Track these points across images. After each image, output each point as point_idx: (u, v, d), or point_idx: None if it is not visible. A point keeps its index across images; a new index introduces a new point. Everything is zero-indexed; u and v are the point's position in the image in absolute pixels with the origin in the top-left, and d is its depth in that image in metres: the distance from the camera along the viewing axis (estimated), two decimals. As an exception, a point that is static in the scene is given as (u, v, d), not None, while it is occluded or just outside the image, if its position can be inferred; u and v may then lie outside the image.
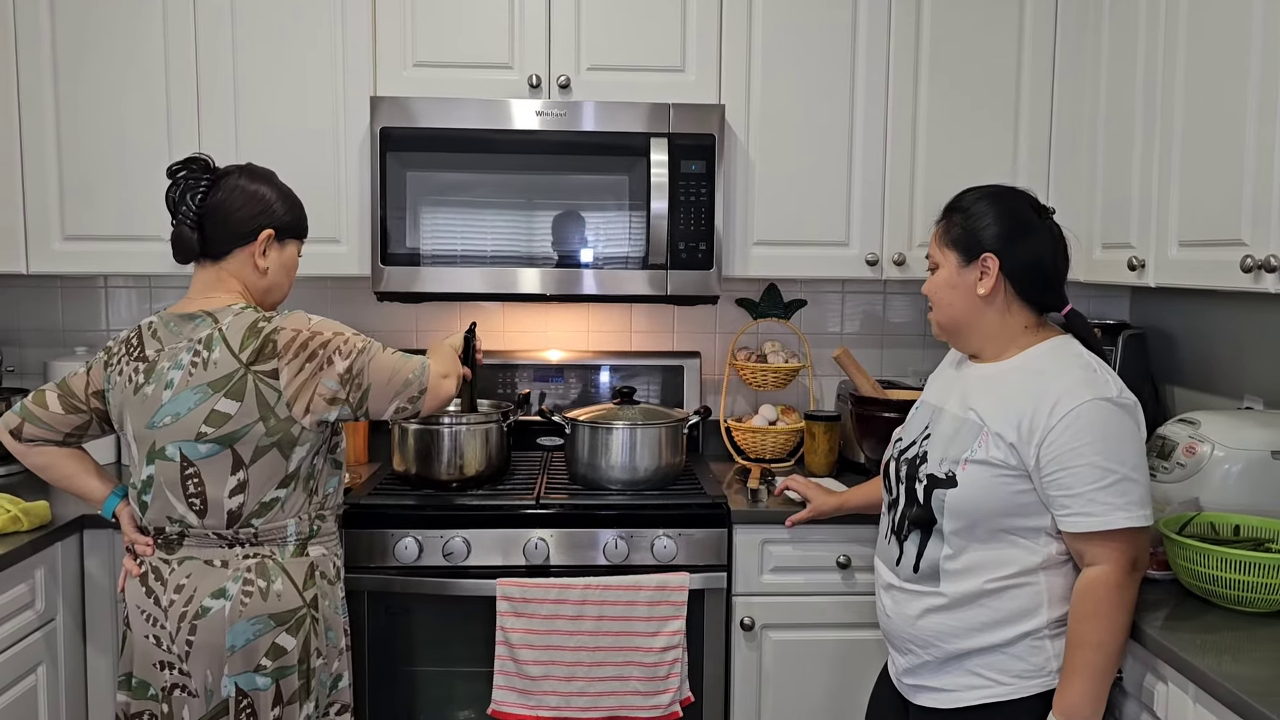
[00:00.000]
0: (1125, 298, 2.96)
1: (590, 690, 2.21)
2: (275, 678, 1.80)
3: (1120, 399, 1.62)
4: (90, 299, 2.87)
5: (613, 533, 2.27)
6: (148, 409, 1.79)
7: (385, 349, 1.87)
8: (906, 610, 1.75)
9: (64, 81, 2.45)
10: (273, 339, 1.79)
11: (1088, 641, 1.59)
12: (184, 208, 1.83)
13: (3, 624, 1.97)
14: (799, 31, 2.53)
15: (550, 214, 2.46)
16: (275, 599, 1.80)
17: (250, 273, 1.88)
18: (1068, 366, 1.67)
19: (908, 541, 1.76)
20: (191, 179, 1.84)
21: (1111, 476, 1.58)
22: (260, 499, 1.80)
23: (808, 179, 2.56)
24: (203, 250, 1.86)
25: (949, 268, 1.75)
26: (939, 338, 1.83)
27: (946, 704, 1.71)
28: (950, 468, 1.69)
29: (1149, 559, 1.68)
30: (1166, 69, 2.12)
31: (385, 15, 2.48)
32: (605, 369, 2.86)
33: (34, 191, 2.47)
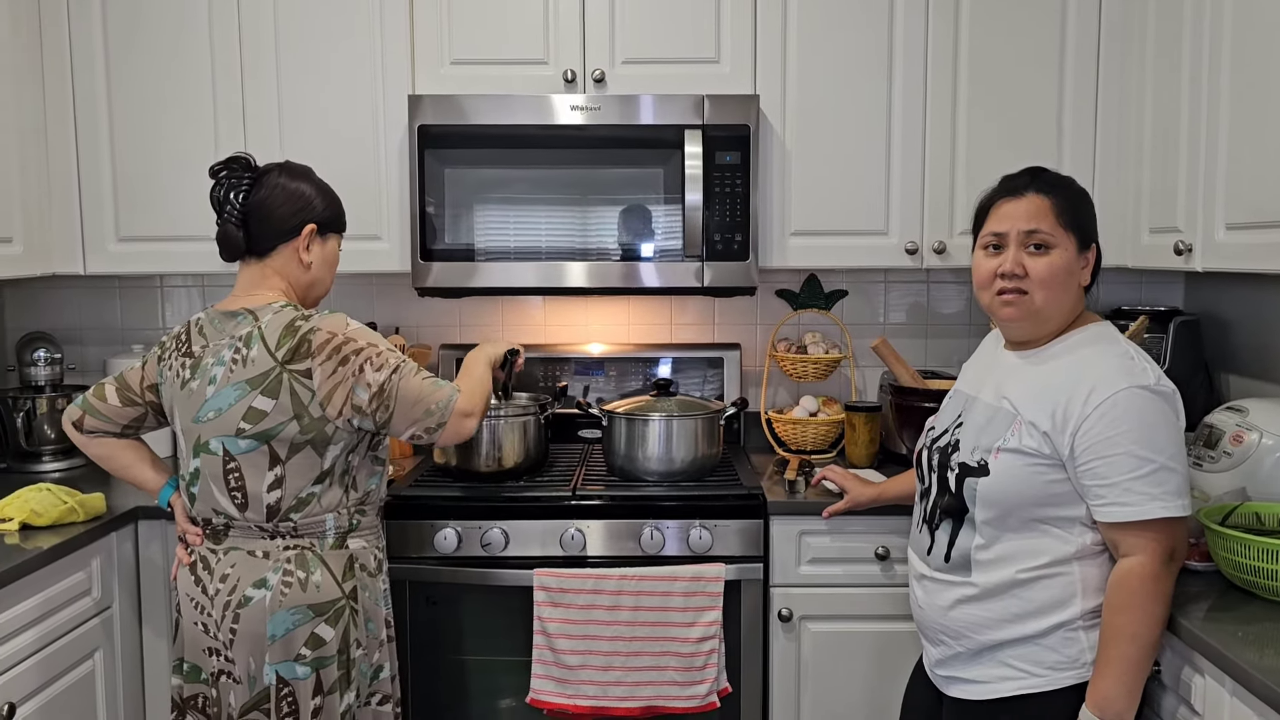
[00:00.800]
0: (1179, 284, 2.88)
1: (627, 680, 2.22)
2: (315, 667, 1.83)
3: (1158, 386, 1.58)
4: (147, 298, 2.96)
5: (649, 523, 2.28)
6: (193, 404, 1.85)
7: (416, 372, 1.87)
8: (938, 600, 1.74)
9: (116, 89, 2.53)
10: (308, 339, 1.82)
11: (1122, 633, 1.56)
12: (228, 206, 1.87)
13: (61, 610, 2.06)
14: (834, 20, 2.51)
15: (587, 208, 2.47)
16: (314, 590, 1.83)
17: (295, 268, 1.92)
18: (1104, 354, 1.64)
19: (939, 531, 1.74)
20: (234, 178, 1.88)
21: (1149, 466, 1.55)
22: (297, 494, 1.84)
23: (845, 168, 2.54)
24: (248, 248, 1.90)
25: (1069, 253, 1.66)
26: (1017, 322, 1.70)
27: (979, 695, 1.69)
28: (983, 456, 1.67)
29: (1187, 550, 1.64)
30: (1213, 48, 2.06)
31: (422, 14, 2.51)
32: (646, 361, 2.87)
33: (90, 195, 2.56)
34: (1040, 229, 1.65)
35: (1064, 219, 1.66)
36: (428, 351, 2.83)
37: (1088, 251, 1.69)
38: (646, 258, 2.48)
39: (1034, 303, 1.66)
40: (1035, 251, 1.66)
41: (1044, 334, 1.71)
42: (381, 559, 1.98)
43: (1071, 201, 1.68)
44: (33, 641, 1.96)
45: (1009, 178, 1.75)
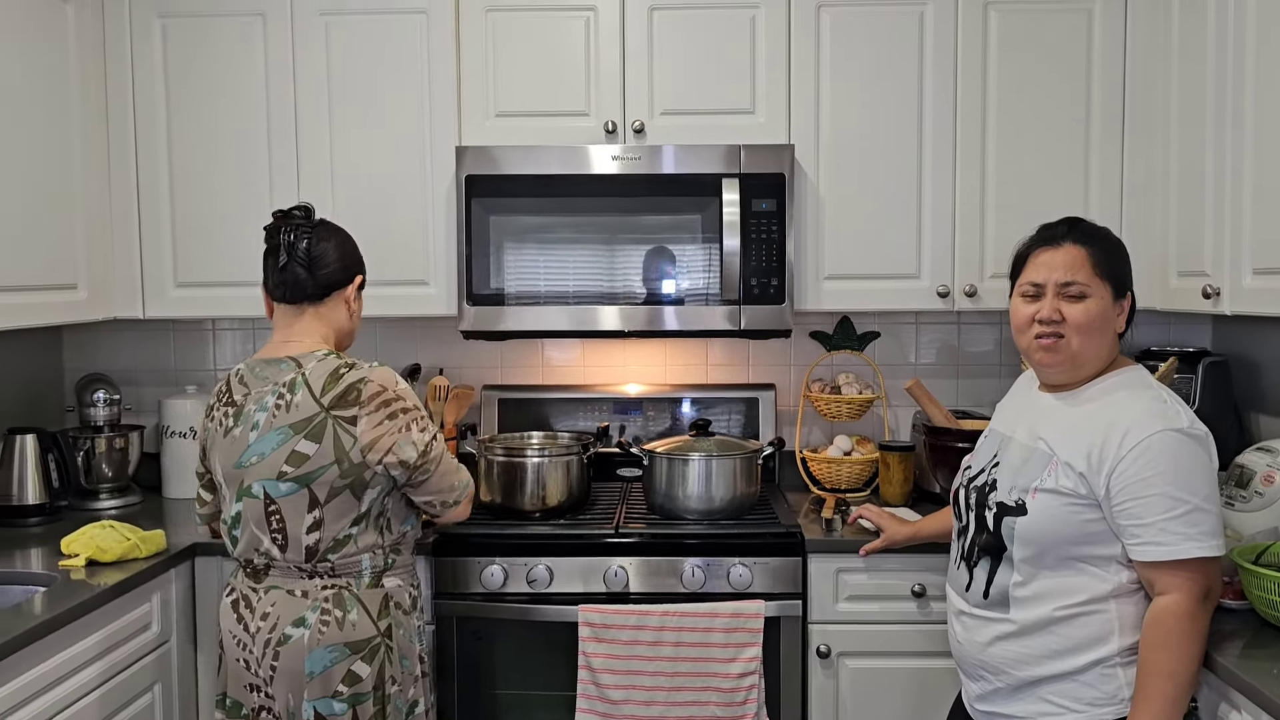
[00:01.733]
0: (1207, 325, 2.93)
1: (670, 714, 2.27)
2: (351, 703, 1.88)
3: (1191, 430, 1.64)
4: (199, 340, 3.07)
5: (690, 561, 2.34)
6: (236, 449, 1.92)
7: (447, 452, 2.01)
8: (977, 637, 1.78)
9: (176, 142, 2.65)
10: (358, 388, 1.89)
11: (1159, 671, 1.60)
12: (299, 249, 1.96)
13: (125, 644, 2.13)
14: (865, 72, 2.60)
15: (628, 253, 2.56)
16: (350, 628, 1.89)
17: (342, 315, 2.03)
18: (1138, 397, 1.69)
19: (977, 568, 1.79)
20: (301, 224, 1.99)
21: (1183, 507, 1.60)
22: (335, 536, 1.90)
23: (877, 214, 2.62)
24: (308, 293, 1.99)
25: (1104, 300, 1.72)
26: (1055, 368, 1.76)
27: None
28: (1020, 496, 1.72)
29: (1221, 589, 1.68)
30: (1235, 97, 2.13)
31: (469, 69, 2.62)
32: (683, 402, 2.94)
33: (150, 243, 2.67)
34: (1076, 280, 1.71)
35: (1100, 269, 1.72)
36: (471, 392, 2.91)
37: (1123, 299, 1.75)
38: (685, 301, 2.55)
39: (1071, 347, 1.72)
40: (1072, 300, 1.72)
41: (1080, 378, 1.76)
42: (416, 596, 2.05)
43: (1108, 252, 1.75)
44: (99, 674, 2.03)
45: (1046, 227, 1.81)
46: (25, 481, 2.58)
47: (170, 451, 2.85)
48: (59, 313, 2.46)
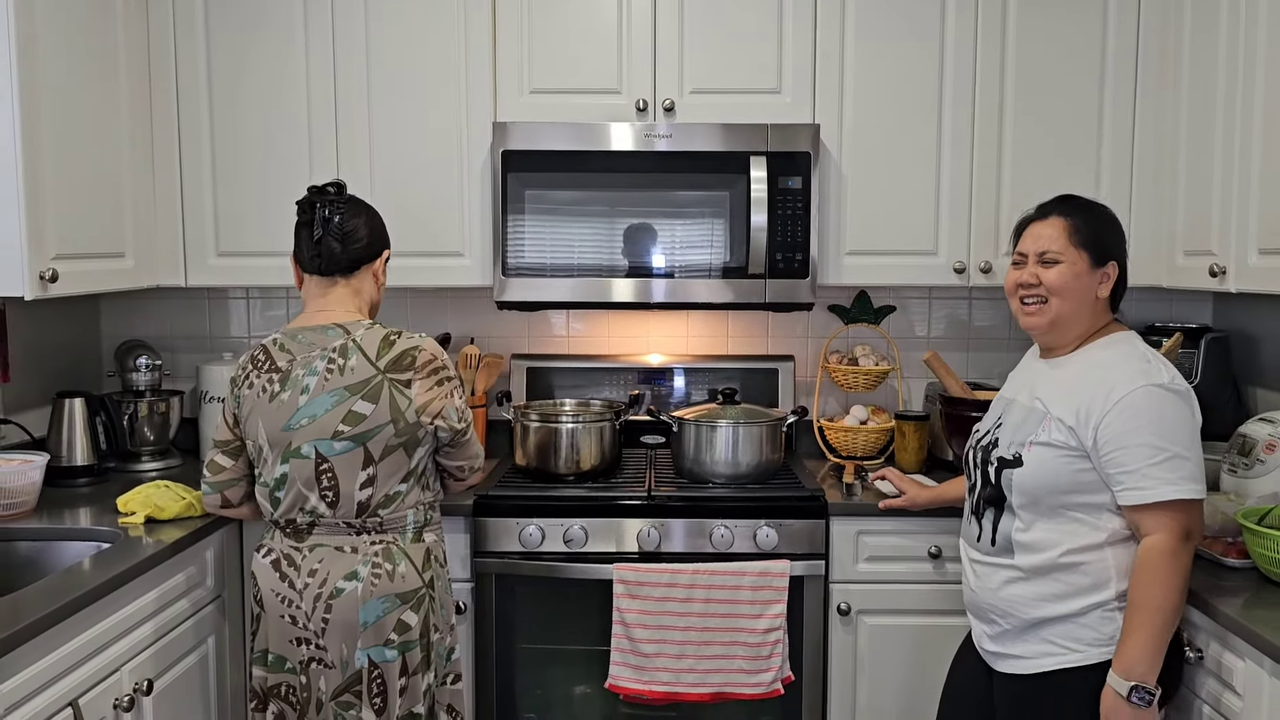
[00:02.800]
0: (1208, 301, 3.05)
1: (699, 668, 2.39)
2: (401, 650, 2.00)
3: (1172, 385, 1.80)
4: (235, 309, 3.15)
5: (718, 523, 2.46)
6: (284, 414, 2.00)
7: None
8: (988, 583, 1.94)
9: (218, 116, 2.72)
10: (412, 354, 2.02)
11: (1144, 604, 1.75)
12: (333, 224, 2.06)
13: (182, 599, 2.23)
14: (888, 54, 2.69)
15: (657, 228, 2.66)
16: (400, 580, 2.01)
17: (370, 287, 2.14)
18: (1125, 358, 1.85)
19: (984, 519, 1.95)
20: (337, 199, 2.08)
21: (1163, 454, 1.75)
22: (386, 492, 2.02)
23: (897, 192, 2.72)
24: (341, 265, 2.09)
25: (1078, 266, 1.87)
26: (1039, 329, 1.92)
27: (1026, 669, 1.88)
28: (1017, 450, 1.88)
29: (1201, 531, 1.81)
30: (1246, 83, 2.24)
31: (504, 47, 2.70)
32: (703, 372, 3.05)
33: (192, 214, 2.74)
34: (1050, 249, 1.89)
35: (1076, 238, 1.88)
36: (500, 360, 3.01)
37: (1104, 268, 1.89)
38: (713, 275, 2.66)
39: (1051, 309, 1.89)
40: (1047, 265, 1.89)
41: (1067, 340, 1.92)
42: (445, 551, 2.20)
43: (1090, 223, 1.90)
44: (157, 629, 2.13)
45: (1042, 204, 1.98)
46: (74, 443, 2.67)
47: (208, 416, 2.93)
48: (109, 280, 2.53)
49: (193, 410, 3.01)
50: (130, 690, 1.98)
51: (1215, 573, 1.97)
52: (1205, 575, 1.95)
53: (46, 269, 2.24)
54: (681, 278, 2.66)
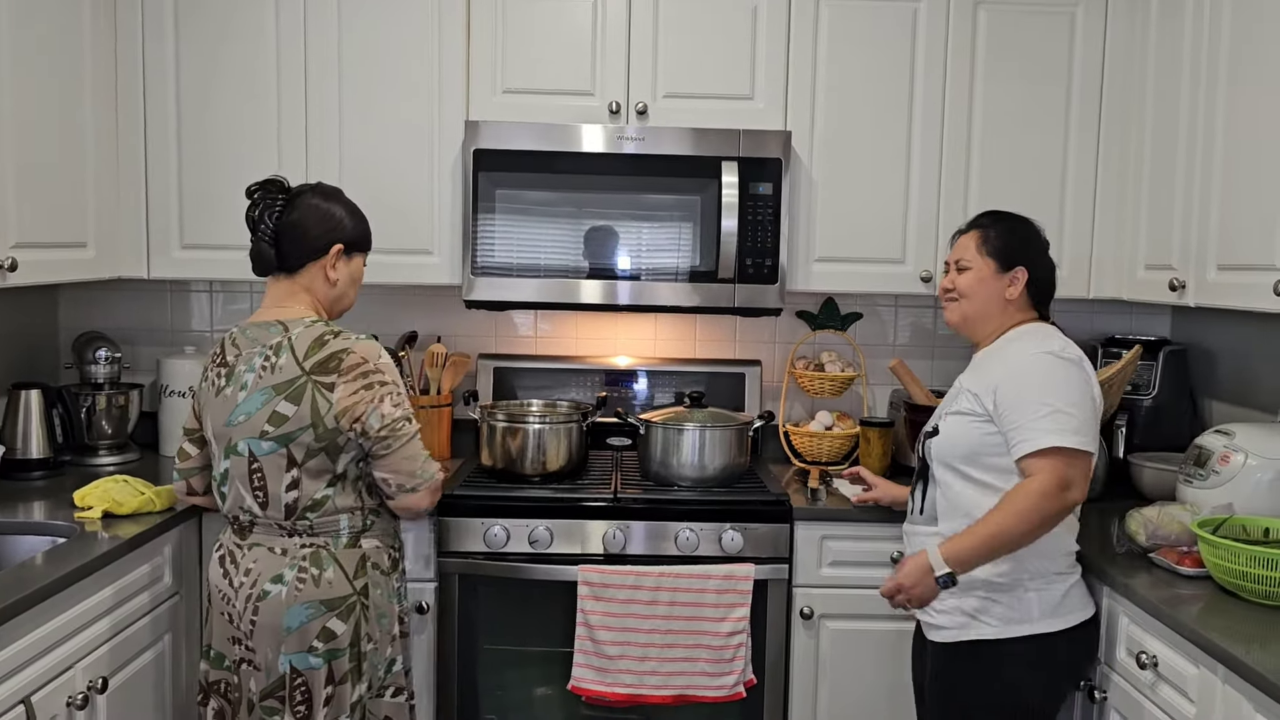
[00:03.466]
0: (1166, 315, 3.11)
1: (662, 670, 2.40)
2: (327, 658, 1.95)
3: (1062, 353, 1.97)
4: (198, 302, 3.11)
5: (684, 525, 2.46)
6: (226, 408, 1.98)
7: (418, 437, 2.03)
8: (913, 549, 2.08)
9: (185, 106, 2.68)
10: (340, 356, 1.94)
11: (991, 518, 1.92)
12: (263, 226, 2.00)
13: (139, 595, 2.20)
14: (860, 64, 2.71)
15: (627, 230, 2.66)
16: (327, 586, 1.95)
17: (321, 284, 2.05)
18: (1026, 336, 2.05)
19: (917, 491, 2.14)
20: (269, 199, 2.01)
21: (1046, 409, 1.91)
22: (312, 496, 1.96)
23: (866, 200, 2.75)
24: (279, 264, 2.03)
25: (985, 271, 2.07)
26: (951, 325, 2.15)
27: (948, 639, 2.03)
28: (937, 423, 2.11)
29: (1084, 488, 1.92)
30: (1208, 105, 2.28)
31: (478, 46, 2.69)
32: (670, 375, 3.06)
33: (156, 204, 2.70)
34: (962, 258, 2.11)
35: (985, 248, 2.08)
36: (467, 360, 3.00)
37: (1011, 272, 2.06)
38: (682, 278, 2.66)
39: (962, 310, 2.11)
40: (960, 271, 2.11)
41: (983, 335, 2.11)
42: (398, 558, 2.12)
43: (1000, 235, 2.09)
44: (114, 624, 2.09)
45: (971, 219, 2.18)
46: (30, 436, 2.62)
47: (169, 410, 2.90)
48: (69, 270, 2.49)
49: (152, 404, 2.97)
50: (84, 688, 1.95)
51: (1171, 581, 2.00)
52: (1160, 584, 1.99)
53: (5, 258, 2.19)
54: (650, 281, 2.67)
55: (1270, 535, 2.01)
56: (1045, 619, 1.98)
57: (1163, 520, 2.12)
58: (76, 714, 1.91)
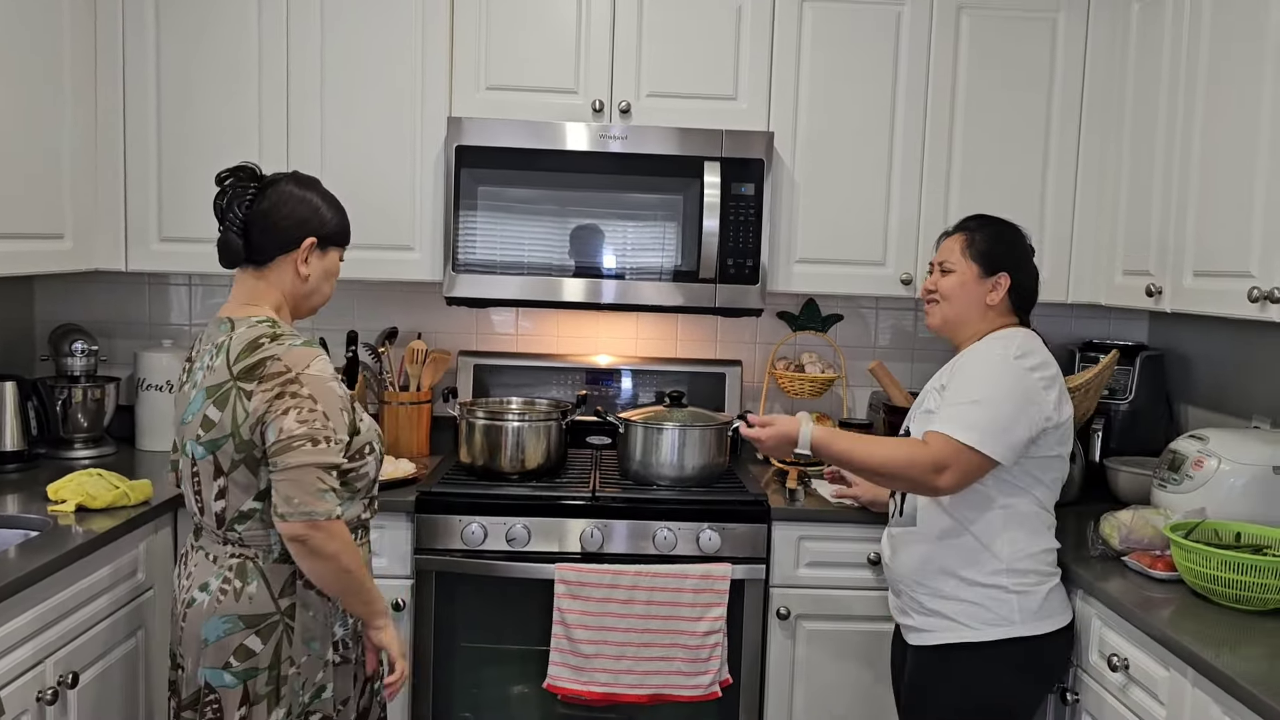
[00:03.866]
0: (1144, 320, 3.13)
1: (638, 669, 2.40)
2: (243, 678, 1.81)
3: (1016, 357, 1.96)
4: (176, 295, 3.09)
5: (662, 525, 2.46)
6: (181, 405, 1.87)
7: (330, 472, 1.76)
8: (897, 552, 2.11)
9: (165, 97, 2.67)
10: (266, 362, 1.77)
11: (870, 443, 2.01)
12: (231, 214, 1.84)
13: (112, 590, 2.18)
14: (843, 65, 2.72)
15: (610, 229, 2.66)
16: (247, 601, 1.81)
17: (291, 279, 1.88)
18: (1000, 339, 2.04)
19: (896, 495, 2.15)
20: (239, 187, 1.85)
21: (966, 400, 1.94)
22: (239, 507, 1.81)
23: (848, 202, 2.75)
24: (247, 256, 1.86)
25: (967, 275, 2.08)
26: (932, 327, 2.15)
27: (926, 641, 2.05)
28: (909, 425, 2.11)
29: (960, 479, 1.93)
30: (1186, 116, 2.30)
31: (461, 42, 2.68)
32: (651, 374, 3.06)
33: (135, 197, 2.69)
34: (946, 260, 2.12)
35: (969, 251, 2.09)
36: (447, 357, 2.99)
37: (994, 277, 2.07)
38: (663, 278, 2.66)
39: (943, 312, 2.12)
40: (943, 274, 2.11)
41: (963, 338, 2.11)
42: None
43: (985, 239, 2.10)
44: (87, 619, 2.07)
45: (958, 222, 2.19)
46: (4, 429, 2.59)
47: (146, 404, 2.88)
48: (46, 261, 2.47)
49: (129, 398, 2.95)
50: (55, 683, 1.93)
51: (1143, 584, 2.02)
52: (1133, 587, 2.00)
53: (-20, 248, 2.18)
54: (632, 279, 2.67)
55: (1242, 540, 2.02)
56: (1027, 622, 1.98)
57: (1136, 524, 2.13)
58: (47, 709, 1.90)
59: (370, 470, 1.92)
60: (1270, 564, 1.83)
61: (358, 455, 1.87)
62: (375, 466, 1.94)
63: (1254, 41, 2.06)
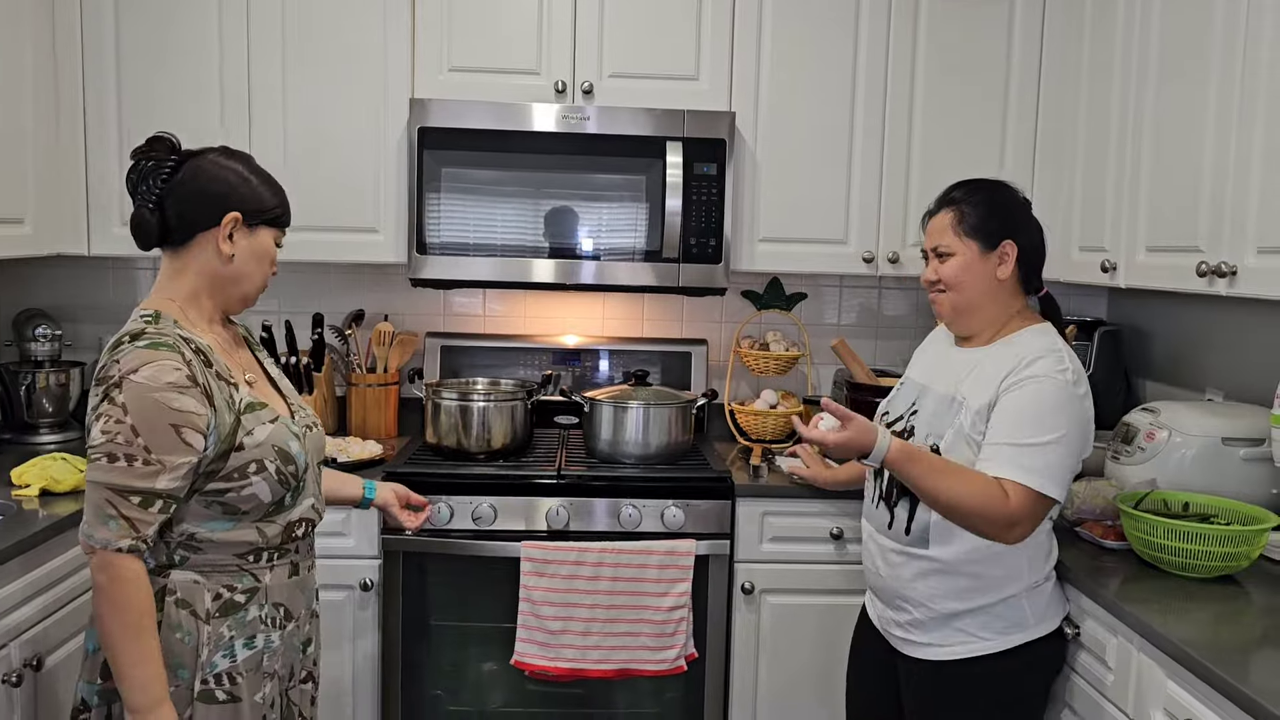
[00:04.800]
0: (1103, 296, 3.18)
1: (605, 644, 2.43)
2: (105, 700, 1.61)
3: (1075, 384, 1.82)
4: (141, 279, 3.08)
5: (627, 502, 2.49)
6: None
7: (128, 494, 1.51)
8: (902, 572, 1.94)
9: (125, 78, 2.65)
10: (108, 363, 1.56)
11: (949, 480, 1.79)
12: (144, 188, 1.64)
13: (78, 573, 2.18)
14: (804, 46, 2.74)
15: (574, 209, 2.67)
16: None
17: (213, 260, 1.65)
18: (1037, 348, 1.86)
19: (898, 507, 1.95)
20: (155, 159, 1.65)
21: (1040, 439, 1.76)
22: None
23: (810, 181, 2.78)
24: (162, 236, 1.65)
25: (968, 254, 1.90)
26: (944, 318, 1.99)
27: (937, 656, 1.92)
28: (934, 440, 1.89)
29: (1028, 529, 1.81)
30: (1138, 94, 2.33)
31: (424, 23, 2.68)
32: (619, 354, 3.08)
33: (97, 180, 2.67)
34: (940, 244, 1.94)
35: (962, 228, 1.91)
36: (414, 338, 3.00)
37: (997, 249, 1.90)
38: (627, 257, 2.68)
39: (953, 301, 1.94)
40: (941, 259, 1.94)
41: (978, 327, 1.94)
42: (238, 602, 1.64)
43: (974, 209, 1.91)
44: (50, 603, 2.08)
45: (940, 196, 2.00)
46: (-33, 414, 2.59)
47: (111, 389, 2.87)
48: (7, 247, 2.45)
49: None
50: (19, 665, 1.94)
51: (1094, 554, 2.07)
52: (1084, 556, 2.05)
53: (-63, 232, 2.16)
54: (596, 260, 2.68)
55: (1190, 509, 2.07)
56: (1039, 624, 1.90)
57: (1088, 495, 2.17)
58: (13, 691, 1.91)
59: (260, 493, 1.63)
60: (1216, 532, 1.87)
61: (236, 475, 1.61)
62: (276, 488, 1.65)
63: (1202, 26, 2.09)
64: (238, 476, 1.61)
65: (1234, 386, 2.52)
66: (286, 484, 1.67)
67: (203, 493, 1.60)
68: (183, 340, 1.60)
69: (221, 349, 1.69)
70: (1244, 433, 2.17)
